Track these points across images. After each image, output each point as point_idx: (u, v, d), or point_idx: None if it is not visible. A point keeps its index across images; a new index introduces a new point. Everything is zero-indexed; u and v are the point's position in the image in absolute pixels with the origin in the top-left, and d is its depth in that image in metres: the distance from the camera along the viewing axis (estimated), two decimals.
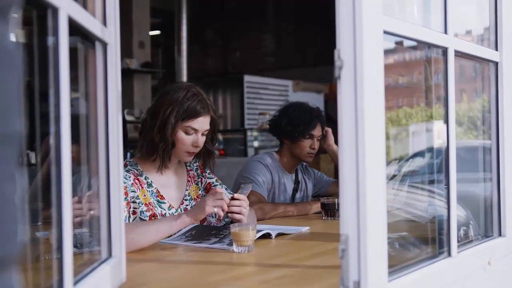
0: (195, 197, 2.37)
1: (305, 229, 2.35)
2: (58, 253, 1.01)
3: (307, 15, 9.48)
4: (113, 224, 1.36)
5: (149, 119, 2.23)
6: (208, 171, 2.46)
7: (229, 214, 2.13)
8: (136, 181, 2.20)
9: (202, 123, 2.24)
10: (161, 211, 2.22)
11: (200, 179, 2.43)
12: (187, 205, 2.32)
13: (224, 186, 2.46)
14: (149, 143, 2.22)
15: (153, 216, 2.18)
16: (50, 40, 1.00)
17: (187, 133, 2.22)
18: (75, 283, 1.07)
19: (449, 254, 1.50)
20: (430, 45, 1.55)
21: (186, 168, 2.41)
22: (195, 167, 2.44)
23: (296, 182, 3.13)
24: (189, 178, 2.39)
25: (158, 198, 2.24)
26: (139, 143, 2.27)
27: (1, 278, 0.56)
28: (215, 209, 2.03)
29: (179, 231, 2.09)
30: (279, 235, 2.18)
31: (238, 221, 2.10)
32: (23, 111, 0.61)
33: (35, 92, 1.01)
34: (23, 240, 0.60)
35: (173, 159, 2.29)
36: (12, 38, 0.59)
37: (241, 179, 2.92)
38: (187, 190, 2.36)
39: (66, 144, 1.00)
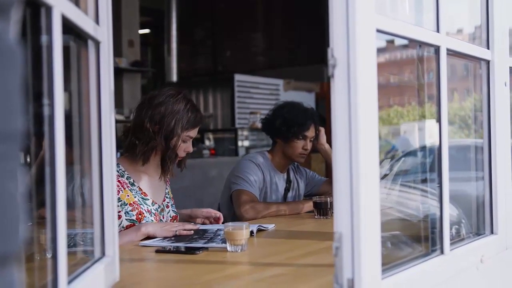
0: (171, 196, 2.49)
1: (271, 226, 2.38)
2: (50, 252, 1.00)
3: (297, 14, 9.49)
4: (106, 223, 1.36)
5: (150, 126, 2.23)
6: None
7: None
8: (117, 182, 2.20)
9: (197, 131, 2.36)
10: (147, 207, 2.28)
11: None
12: (168, 202, 2.43)
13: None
14: (151, 150, 2.26)
15: (140, 214, 2.23)
16: (44, 38, 0.99)
17: (184, 141, 2.30)
18: (69, 282, 1.06)
19: (442, 252, 1.50)
20: (422, 44, 1.55)
21: None
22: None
23: (288, 181, 3.13)
24: (167, 179, 2.49)
25: (142, 195, 2.29)
26: (139, 149, 2.26)
27: (2, 275, 0.55)
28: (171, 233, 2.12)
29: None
30: (259, 231, 2.23)
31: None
32: (23, 109, 0.61)
33: (28, 91, 1.00)
34: (25, 237, 0.60)
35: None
36: (13, 36, 0.59)
37: (233, 178, 2.91)
38: (166, 189, 2.46)
39: (59, 144, 0.99)
